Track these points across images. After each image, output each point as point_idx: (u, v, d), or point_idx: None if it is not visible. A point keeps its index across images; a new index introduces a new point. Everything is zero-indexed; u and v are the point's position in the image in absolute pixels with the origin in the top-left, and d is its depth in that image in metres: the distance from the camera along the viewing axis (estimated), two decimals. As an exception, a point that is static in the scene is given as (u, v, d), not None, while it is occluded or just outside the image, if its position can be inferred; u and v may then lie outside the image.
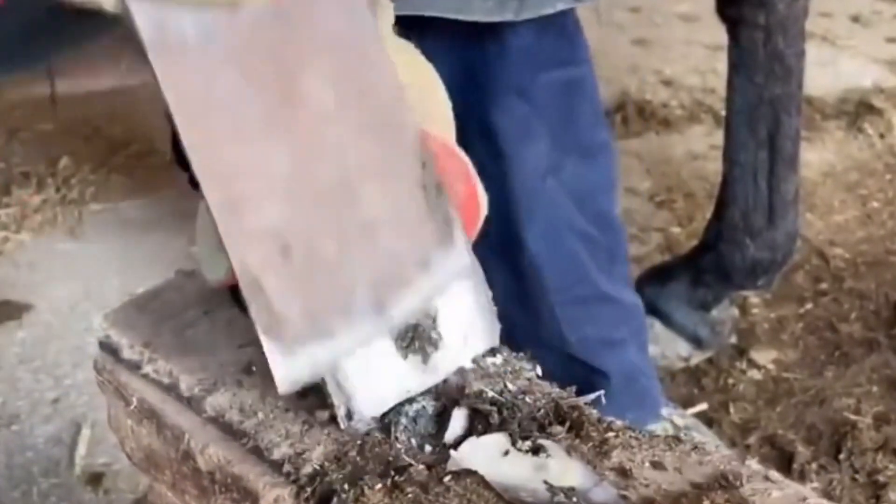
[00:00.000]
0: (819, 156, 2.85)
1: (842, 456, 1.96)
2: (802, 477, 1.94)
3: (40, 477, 1.98)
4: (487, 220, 1.11)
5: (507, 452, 0.97)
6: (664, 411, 1.90)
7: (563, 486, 0.92)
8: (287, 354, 0.99)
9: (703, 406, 2.08)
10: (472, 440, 0.98)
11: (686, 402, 2.08)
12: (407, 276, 1.03)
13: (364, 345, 1.01)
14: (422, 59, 1.12)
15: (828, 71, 3.22)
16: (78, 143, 2.95)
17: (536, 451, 0.96)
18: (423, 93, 1.08)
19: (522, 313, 1.70)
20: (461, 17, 1.47)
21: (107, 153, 2.91)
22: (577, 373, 1.75)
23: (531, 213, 1.66)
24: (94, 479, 1.98)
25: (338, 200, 0.99)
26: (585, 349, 1.76)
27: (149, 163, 2.87)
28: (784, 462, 1.97)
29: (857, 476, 1.92)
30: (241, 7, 0.94)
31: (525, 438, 0.98)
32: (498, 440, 0.98)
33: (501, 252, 1.65)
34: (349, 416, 1.03)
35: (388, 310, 1.02)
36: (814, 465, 1.95)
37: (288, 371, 1.00)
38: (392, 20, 1.09)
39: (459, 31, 1.51)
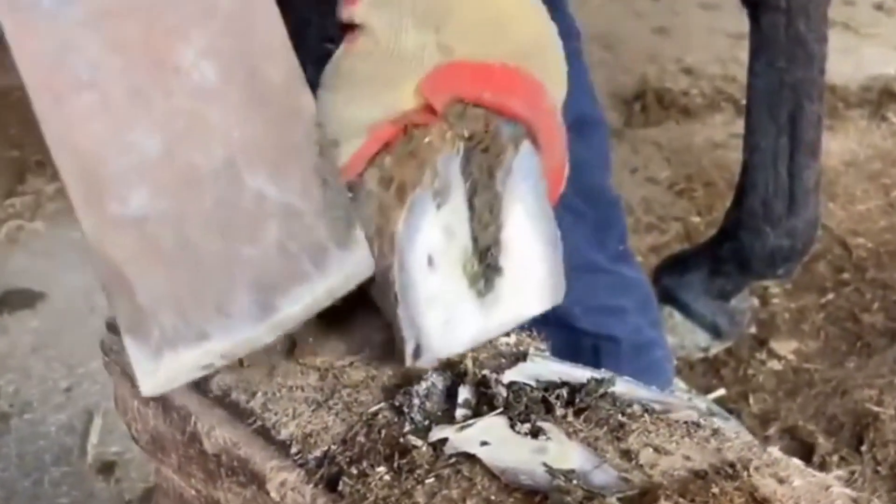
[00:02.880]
0: (841, 144, 2.81)
1: (863, 448, 1.93)
2: (823, 468, 1.90)
3: (52, 465, 1.98)
4: None
5: (505, 435, 0.95)
6: (684, 396, 1.88)
7: (562, 468, 0.90)
8: (152, 358, 0.92)
9: (721, 391, 2.05)
10: (472, 423, 0.96)
11: (705, 393, 2.05)
12: (298, 275, 0.94)
13: (249, 348, 0.95)
14: (550, 21, 1.08)
15: (850, 59, 3.18)
16: (93, 131, 2.94)
17: (536, 433, 0.94)
18: (546, 52, 1.06)
19: None
20: None
21: (121, 142, 2.90)
22: (586, 344, 1.75)
23: None
24: (106, 467, 1.97)
25: (218, 188, 0.89)
26: (589, 318, 1.75)
27: (164, 151, 2.85)
28: (805, 454, 1.94)
29: (879, 468, 1.90)
30: None
31: (524, 421, 0.95)
32: (496, 423, 0.96)
33: None
34: (417, 353, 1.01)
35: (275, 311, 0.95)
36: (835, 457, 1.92)
37: (153, 376, 0.93)
38: None
39: None
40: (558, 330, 1.73)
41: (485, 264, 1.03)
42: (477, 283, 1.03)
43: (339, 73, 1.00)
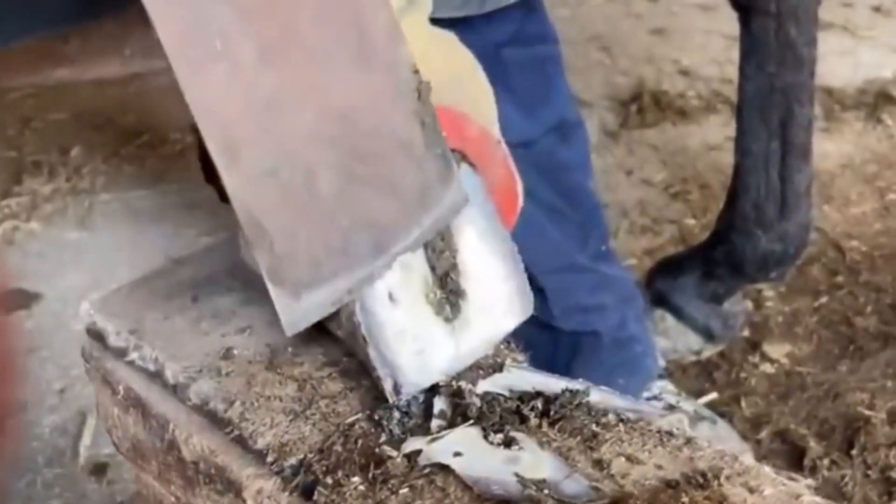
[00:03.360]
0: (837, 147, 2.81)
1: (854, 451, 1.92)
2: (814, 472, 1.90)
3: (45, 467, 1.98)
4: None
5: (478, 446, 0.95)
6: (673, 399, 1.89)
7: (533, 478, 0.90)
8: (291, 298, 0.99)
9: (713, 395, 2.05)
10: (446, 434, 0.97)
11: (697, 396, 2.05)
12: (406, 212, 1.02)
13: (369, 283, 1.01)
14: (462, 48, 1.11)
15: (848, 61, 3.17)
16: (90, 132, 2.94)
17: (509, 443, 0.95)
18: (463, 80, 1.08)
19: None
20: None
21: (118, 143, 2.90)
22: (565, 343, 1.76)
23: None
24: (98, 469, 1.97)
25: (337, 137, 0.98)
26: (570, 318, 1.77)
27: (160, 153, 2.86)
28: (796, 457, 1.94)
29: (869, 472, 1.89)
30: None
31: (498, 431, 0.96)
32: (469, 433, 0.97)
33: None
34: (397, 389, 1.02)
35: (387, 250, 1.01)
36: (825, 461, 1.91)
37: (293, 314, 0.99)
38: (429, 11, 1.08)
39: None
40: (539, 329, 1.75)
41: (447, 290, 1.04)
42: (443, 311, 1.04)
43: None
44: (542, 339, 1.73)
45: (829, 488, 1.86)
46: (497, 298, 1.06)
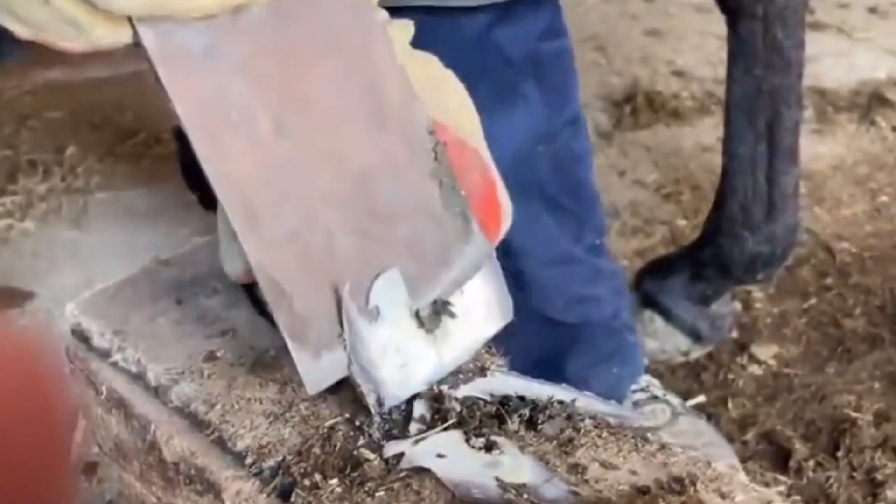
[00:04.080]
0: (830, 149, 2.81)
1: (840, 453, 1.93)
2: (799, 473, 1.91)
3: (35, 464, 1.99)
4: None
5: (460, 449, 0.96)
6: (659, 391, 1.90)
7: (513, 482, 0.91)
8: (312, 358, 0.99)
9: (700, 398, 2.06)
10: (426, 437, 0.98)
11: (685, 397, 2.05)
12: (425, 273, 1.03)
13: (387, 345, 1.02)
14: (440, 64, 1.12)
15: (842, 62, 3.18)
16: (86, 131, 2.95)
17: (489, 447, 0.96)
18: (441, 90, 1.09)
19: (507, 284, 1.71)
20: (446, 3, 1.48)
21: (114, 142, 2.91)
22: (562, 334, 1.77)
23: (506, 178, 1.67)
24: (89, 468, 1.97)
25: (355, 200, 0.99)
26: (567, 310, 1.77)
27: (156, 152, 2.87)
28: (781, 459, 1.95)
29: (854, 474, 1.90)
30: (242, 12, 0.93)
31: (479, 436, 0.97)
32: (451, 437, 0.98)
33: None
34: (380, 403, 1.02)
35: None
36: (811, 462, 1.92)
37: (314, 374, 1.00)
38: (410, 36, 1.08)
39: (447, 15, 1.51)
40: (536, 321, 1.76)
41: (431, 303, 1.04)
42: (425, 322, 1.05)
43: None
44: (538, 330, 1.74)
45: (814, 489, 1.87)
46: (477, 305, 1.07)
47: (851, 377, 2.10)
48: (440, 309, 1.05)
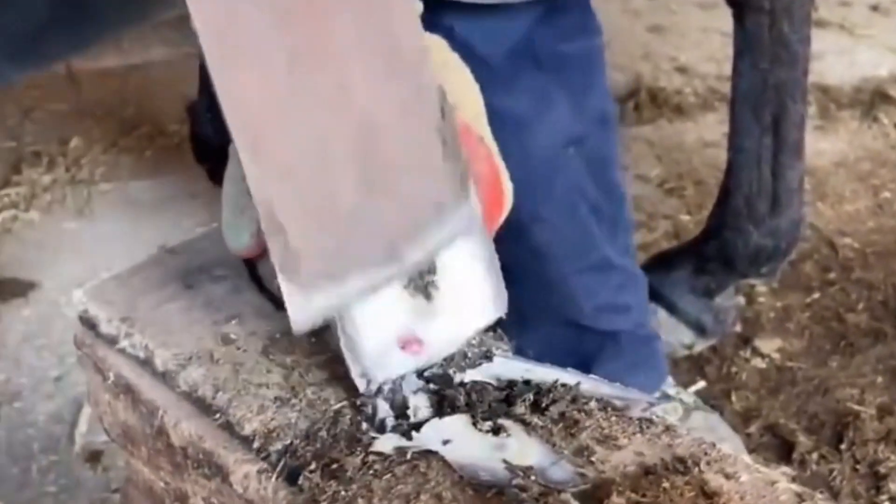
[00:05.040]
0: (832, 145, 2.82)
1: (843, 446, 1.94)
2: (803, 466, 1.92)
3: (40, 454, 2.00)
4: None
5: (467, 433, 0.97)
6: (672, 390, 1.90)
7: (521, 464, 0.92)
8: (302, 294, 0.99)
9: (701, 384, 2.06)
10: (434, 421, 0.98)
11: (687, 388, 2.06)
12: (421, 225, 1.03)
13: (374, 291, 1.02)
14: (448, 48, 1.12)
15: (844, 60, 3.18)
16: (90, 123, 2.96)
17: (497, 431, 0.97)
18: (447, 74, 1.09)
19: (535, 289, 1.70)
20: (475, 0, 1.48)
21: (118, 133, 2.92)
22: (591, 341, 1.76)
23: (549, 183, 1.66)
24: (94, 456, 1.99)
25: (358, 143, 0.99)
26: (598, 317, 1.77)
27: (159, 144, 2.87)
28: (785, 451, 1.96)
29: (858, 467, 1.91)
30: None
31: (486, 419, 0.98)
32: (459, 421, 0.98)
33: (517, 226, 1.67)
34: (368, 383, 1.03)
35: (400, 258, 1.03)
36: (814, 455, 1.93)
37: (302, 313, 1.00)
38: (419, 13, 1.09)
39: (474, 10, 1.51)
40: (565, 327, 1.76)
41: (423, 283, 1.04)
42: (416, 303, 1.04)
43: None
44: (566, 335, 1.73)
45: (817, 482, 1.88)
46: (470, 298, 1.07)
47: (854, 371, 2.11)
48: (429, 285, 1.05)
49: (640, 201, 2.62)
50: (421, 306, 1.04)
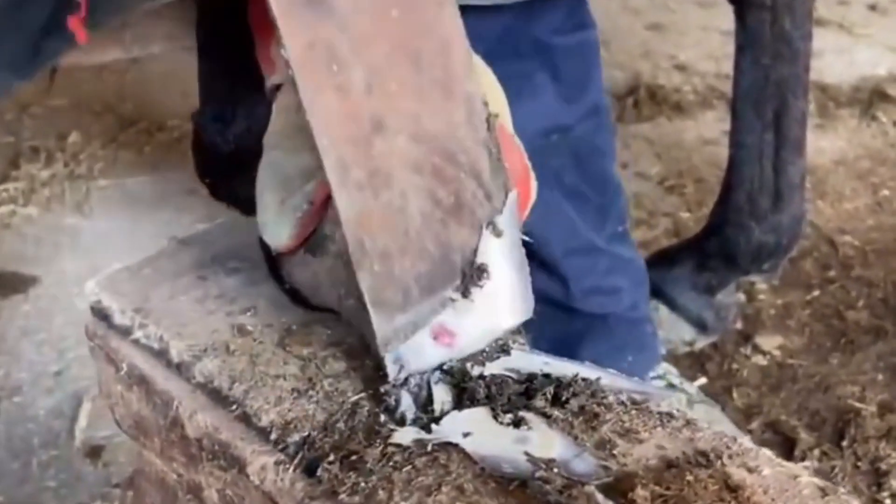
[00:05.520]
0: (831, 143, 2.83)
1: (844, 443, 1.95)
2: (804, 463, 1.92)
3: (40, 448, 1.99)
4: None
5: (487, 426, 0.96)
6: (676, 380, 1.91)
7: (543, 457, 0.92)
8: (386, 319, 1.01)
9: (702, 380, 2.07)
10: (454, 414, 0.98)
11: (689, 384, 2.07)
12: (477, 243, 1.05)
13: (440, 310, 1.03)
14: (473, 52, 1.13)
15: (843, 58, 3.19)
16: (88, 118, 2.95)
17: (518, 423, 0.96)
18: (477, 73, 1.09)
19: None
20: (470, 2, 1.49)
21: (116, 129, 2.91)
22: (580, 323, 1.78)
23: None
24: (94, 451, 1.98)
25: (423, 162, 1.02)
26: (587, 300, 1.79)
27: (158, 139, 2.87)
28: (786, 448, 1.96)
29: (859, 463, 1.91)
30: None
31: (507, 412, 0.97)
32: (480, 414, 0.98)
33: None
34: (400, 367, 1.02)
35: (461, 273, 1.04)
36: (816, 452, 1.94)
37: (387, 334, 1.01)
38: None
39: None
40: (555, 309, 1.77)
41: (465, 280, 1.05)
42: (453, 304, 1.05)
43: (275, 131, 1.07)
44: (555, 317, 1.75)
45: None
46: (502, 297, 1.07)
47: (855, 368, 2.11)
48: (470, 281, 1.05)
49: (640, 199, 2.63)
50: (456, 302, 1.04)
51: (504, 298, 1.06)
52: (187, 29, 2.39)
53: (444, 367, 1.04)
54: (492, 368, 1.05)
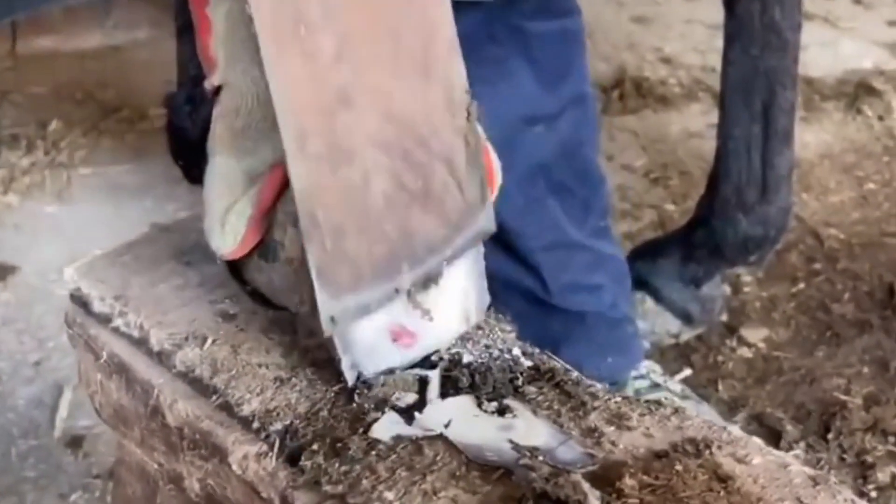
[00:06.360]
0: (817, 137, 2.82)
1: (830, 436, 1.94)
2: (790, 456, 1.92)
3: (20, 438, 1.96)
4: None
5: (472, 414, 0.95)
6: (659, 378, 1.89)
7: (528, 445, 0.90)
8: (332, 297, 0.98)
9: (687, 372, 2.06)
10: (437, 402, 0.97)
11: (674, 377, 2.06)
12: (443, 232, 1.02)
13: (398, 295, 1.01)
14: None
15: (828, 52, 3.19)
16: (69, 106, 2.92)
17: (503, 412, 0.95)
18: None
19: (503, 262, 1.69)
20: None
21: (98, 117, 2.88)
22: (558, 320, 1.76)
23: (506, 158, 1.66)
24: (75, 441, 1.96)
25: (394, 145, 0.99)
26: (565, 296, 1.77)
27: (139, 128, 2.84)
28: (772, 441, 1.94)
29: (845, 456, 1.90)
30: None
31: (491, 400, 0.96)
32: (464, 402, 0.97)
33: None
34: (358, 374, 1.01)
35: (421, 264, 1.02)
36: (801, 445, 1.93)
37: (331, 313, 0.98)
38: None
39: None
40: (532, 305, 1.75)
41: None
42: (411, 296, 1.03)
43: (217, 135, 1.04)
44: (534, 314, 1.73)
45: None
46: (459, 302, 1.06)
47: (841, 361, 2.11)
48: (428, 284, 1.03)
49: (625, 191, 2.62)
50: (419, 300, 1.02)
51: (459, 303, 1.05)
52: (172, 15, 2.37)
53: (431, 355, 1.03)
54: (476, 356, 1.03)
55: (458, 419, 0.96)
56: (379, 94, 0.97)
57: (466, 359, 1.03)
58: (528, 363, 1.03)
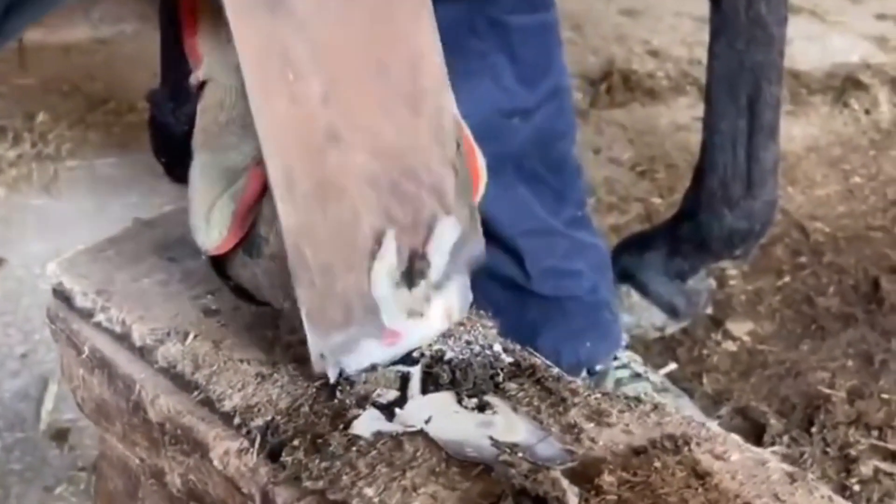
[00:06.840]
0: (803, 130, 2.83)
1: (814, 429, 1.95)
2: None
3: (5, 431, 1.96)
4: None
5: (452, 410, 0.95)
6: (640, 369, 1.90)
7: (507, 441, 0.91)
8: (321, 335, 0.98)
9: (673, 366, 2.06)
10: (418, 398, 0.97)
11: (659, 370, 2.06)
12: (433, 262, 1.02)
13: (387, 326, 1.01)
14: None
15: (816, 46, 3.20)
16: (56, 98, 2.92)
17: (483, 408, 0.95)
18: None
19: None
20: None
21: (85, 109, 2.88)
22: (536, 305, 1.77)
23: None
24: (60, 434, 1.96)
25: (383, 180, 0.98)
26: (544, 282, 1.78)
27: (127, 120, 2.84)
28: (755, 434, 1.95)
29: (828, 449, 1.91)
30: None
31: (472, 396, 0.96)
32: (444, 398, 0.97)
33: None
34: (340, 370, 1.01)
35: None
36: (785, 438, 1.94)
37: (321, 350, 0.99)
38: None
39: None
40: (510, 290, 1.76)
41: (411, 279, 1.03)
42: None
43: (201, 130, 1.04)
44: (512, 299, 1.74)
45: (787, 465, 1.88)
46: (442, 302, 1.05)
47: (825, 354, 2.12)
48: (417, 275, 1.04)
49: (612, 184, 2.62)
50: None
51: (442, 303, 1.05)
52: (157, 9, 2.36)
53: (411, 351, 1.03)
54: (457, 353, 1.03)
55: (439, 415, 0.96)
56: (367, 132, 0.97)
57: (448, 355, 1.03)
58: (509, 359, 1.03)
